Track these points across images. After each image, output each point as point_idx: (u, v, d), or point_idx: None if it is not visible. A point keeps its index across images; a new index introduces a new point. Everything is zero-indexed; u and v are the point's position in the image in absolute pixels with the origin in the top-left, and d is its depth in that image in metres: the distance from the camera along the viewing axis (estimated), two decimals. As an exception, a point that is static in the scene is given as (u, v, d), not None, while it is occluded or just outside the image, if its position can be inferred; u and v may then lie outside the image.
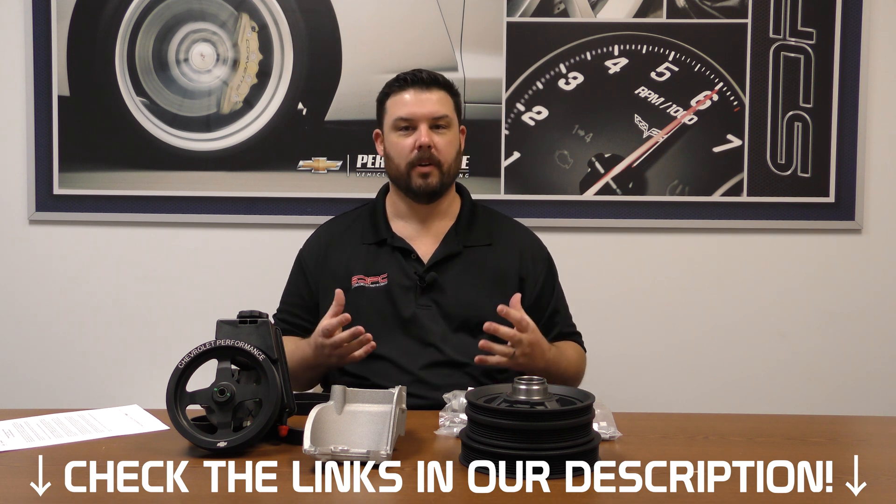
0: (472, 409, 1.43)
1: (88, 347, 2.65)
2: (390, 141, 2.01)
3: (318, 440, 1.41)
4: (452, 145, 2.01)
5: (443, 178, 1.99)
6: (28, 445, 1.53)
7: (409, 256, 2.00)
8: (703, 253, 2.62)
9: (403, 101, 1.99)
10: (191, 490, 1.36)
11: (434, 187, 1.99)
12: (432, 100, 1.99)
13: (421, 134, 1.96)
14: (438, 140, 1.98)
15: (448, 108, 2.01)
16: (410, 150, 1.97)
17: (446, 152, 1.99)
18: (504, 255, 2.04)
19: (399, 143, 1.99)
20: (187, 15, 2.56)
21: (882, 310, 2.63)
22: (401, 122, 1.98)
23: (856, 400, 2.62)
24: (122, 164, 2.59)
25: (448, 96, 2.02)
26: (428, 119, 1.97)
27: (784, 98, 2.56)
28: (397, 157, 1.99)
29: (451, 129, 2.01)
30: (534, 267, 2.05)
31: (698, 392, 2.63)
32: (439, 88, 2.01)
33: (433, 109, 1.98)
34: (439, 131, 1.99)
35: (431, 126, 1.98)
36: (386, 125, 2.03)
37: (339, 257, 2.04)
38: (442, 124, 1.99)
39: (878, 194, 2.60)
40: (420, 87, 1.99)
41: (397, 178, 2.02)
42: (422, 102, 1.98)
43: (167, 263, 2.63)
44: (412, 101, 1.98)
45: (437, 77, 2.03)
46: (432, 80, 2.01)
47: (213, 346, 1.53)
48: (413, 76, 2.00)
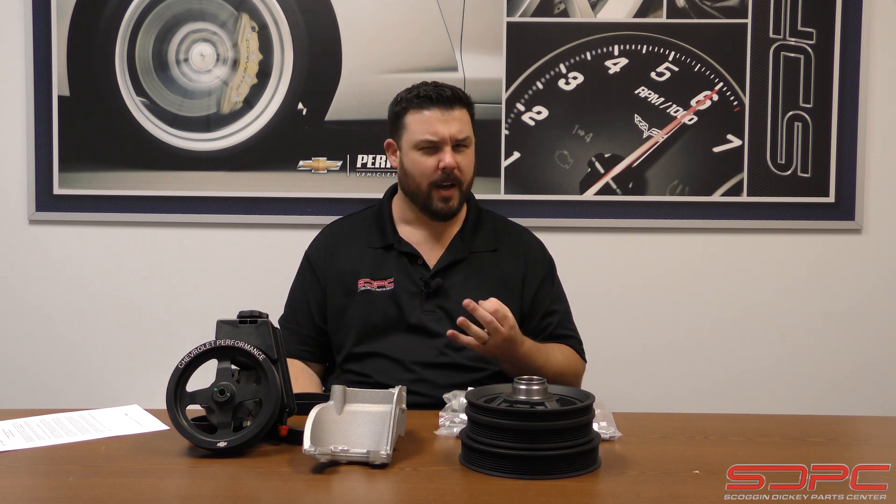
0: (472, 409, 1.43)
1: (88, 347, 2.65)
2: (411, 159, 1.99)
3: (318, 440, 1.41)
4: (472, 163, 2.02)
5: (461, 198, 2.01)
6: (28, 445, 1.53)
7: (415, 262, 2.01)
8: (703, 253, 2.62)
9: (427, 121, 1.97)
10: (191, 490, 1.36)
11: (455, 210, 2.00)
12: (456, 119, 1.97)
13: (446, 155, 1.95)
14: (461, 161, 1.98)
15: (468, 128, 2.01)
16: (434, 170, 1.96)
17: (467, 171, 2.00)
18: (509, 261, 2.05)
19: (422, 163, 1.97)
20: (187, 15, 2.56)
21: (882, 310, 2.63)
22: (425, 143, 1.97)
23: (856, 400, 2.63)
24: (122, 164, 2.59)
25: (467, 114, 2.01)
26: (452, 141, 1.96)
27: (784, 98, 2.56)
28: (419, 177, 1.98)
29: (471, 148, 2.02)
30: (534, 267, 2.06)
31: (698, 392, 2.63)
32: (462, 107, 1.99)
33: (458, 130, 1.97)
34: (461, 150, 1.98)
35: (454, 146, 1.97)
36: (406, 141, 2.00)
37: (346, 260, 2.04)
38: (464, 144, 1.99)
39: (878, 194, 2.60)
40: (444, 106, 1.97)
41: (415, 195, 2.01)
42: (446, 123, 1.96)
43: (167, 263, 2.63)
44: (436, 121, 1.96)
45: (460, 95, 2.01)
46: (456, 99, 1.99)
47: (213, 346, 1.53)
48: (437, 95, 1.97)
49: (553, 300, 2.07)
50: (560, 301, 2.09)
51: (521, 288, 2.03)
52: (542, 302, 2.05)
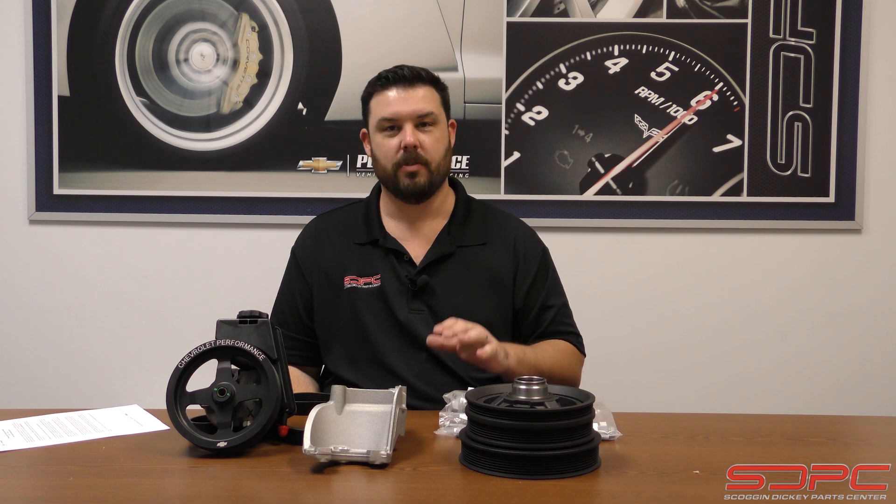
0: (472, 409, 1.43)
1: (88, 347, 2.65)
2: (376, 142, 1.94)
3: (318, 440, 1.41)
4: (440, 143, 1.93)
5: (431, 177, 1.92)
6: (28, 445, 1.53)
7: (401, 258, 1.95)
8: (703, 253, 2.62)
9: (387, 101, 1.91)
10: (191, 490, 1.36)
11: (423, 186, 1.91)
12: (416, 97, 1.91)
13: (406, 134, 1.89)
14: (424, 138, 1.90)
15: (434, 105, 1.93)
16: (396, 150, 1.90)
17: (433, 150, 1.91)
18: (498, 255, 1.98)
19: (385, 144, 1.92)
20: (187, 15, 2.56)
21: (882, 310, 2.63)
22: (385, 122, 1.91)
23: (856, 400, 2.63)
24: (122, 164, 2.59)
25: (433, 91, 1.94)
26: (413, 118, 1.90)
27: (784, 98, 2.56)
28: (383, 159, 1.93)
29: (438, 126, 1.94)
30: (525, 262, 1.98)
31: (698, 392, 2.63)
32: (424, 84, 1.93)
33: (417, 107, 1.90)
34: (425, 129, 1.91)
35: (417, 124, 1.90)
36: (371, 125, 1.96)
37: (331, 255, 1.99)
38: (428, 122, 1.91)
39: (878, 194, 2.60)
40: (403, 84, 1.91)
41: (385, 180, 1.96)
42: (405, 101, 1.90)
43: (167, 263, 2.63)
44: (395, 99, 1.91)
45: (420, 73, 1.94)
46: (415, 77, 1.92)
47: (213, 346, 1.53)
48: (395, 73, 1.92)
49: (548, 294, 1.99)
50: (556, 294, 2.01)
51: (513, 284, 1.96)
52: (536, 297, 1.98)
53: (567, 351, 1.96)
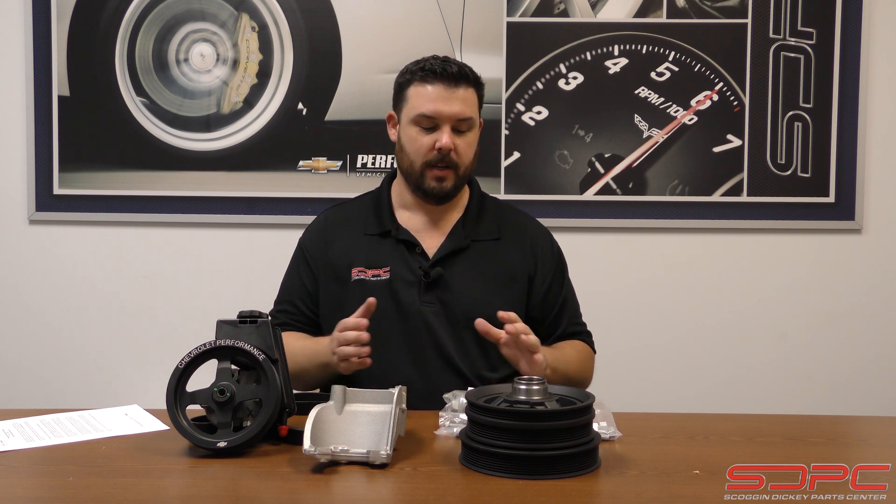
0: (472, 409, 1.42)
1: (88, 347, 2.65)
2: (408, 134, 1.88)
3: (318, 440, 1.41)
4: (472, 147, 1.90)
5: (457, 182, 1.89)
6: (28, 445, 1.53)
7: (413, 250, 1.91)
8: (703, 253, 2.62)
9: (428, 96, 1.85)
10: (191, 490, 1.36)
11: (448, 191, 1.88)
12: (458, 98, 1.85)
13: (443, 135, 1.84)
14: (459, 143, 1.86)
15: (473, 108, 1.88)
16: (429, 149, 1.85)
17: (465, 155, 1.88)
18: (513, 251, 1.96)
19: (417, 140, 1.86)
20: (187, 15, 2.56)
21: (881, 309, 2.63)
22: (423, 119, 1.85)
23: (856, 400, 2.63)
24: (122, 164, 2.59)
25: (474, 92, 1.89)
26: (452, 120, 1.85)
27: (784, 98, 2.56)
28: (413, 153, 1.87)
29: (473, 131, 1.90)
30: (543, 264, 1.97)
31: (699, 391, 2.63)
32: (468, 85, 1.87)
33: (459, 110, 1.85)
34: (461, 133, 1.87)
35: (453, 127, 1.85)
36: (404, 114, 1.89)
37: (340, 247, 1.96)
38: (464, 127, 1.87)
39: (878, 194, 2.60)
40: (448, 82, 1.84)
41: (409, 174, 1.90)
42: (448, 101, 1.84)
43: (167, 263, 2.63)
44: (437, 97, 1.84)
45: (467, 72, 1.88)
46: (461, 76, 1.86)
47: (213, 346, 1.53)
48: (443, 70, 1.85)
49: (566, 294, 1.99)
50: (571, 294, 2.01)
51: (529, 285, 1.95)
52: (555, 298, 1.97)
53: (586, 353, 1.97)
